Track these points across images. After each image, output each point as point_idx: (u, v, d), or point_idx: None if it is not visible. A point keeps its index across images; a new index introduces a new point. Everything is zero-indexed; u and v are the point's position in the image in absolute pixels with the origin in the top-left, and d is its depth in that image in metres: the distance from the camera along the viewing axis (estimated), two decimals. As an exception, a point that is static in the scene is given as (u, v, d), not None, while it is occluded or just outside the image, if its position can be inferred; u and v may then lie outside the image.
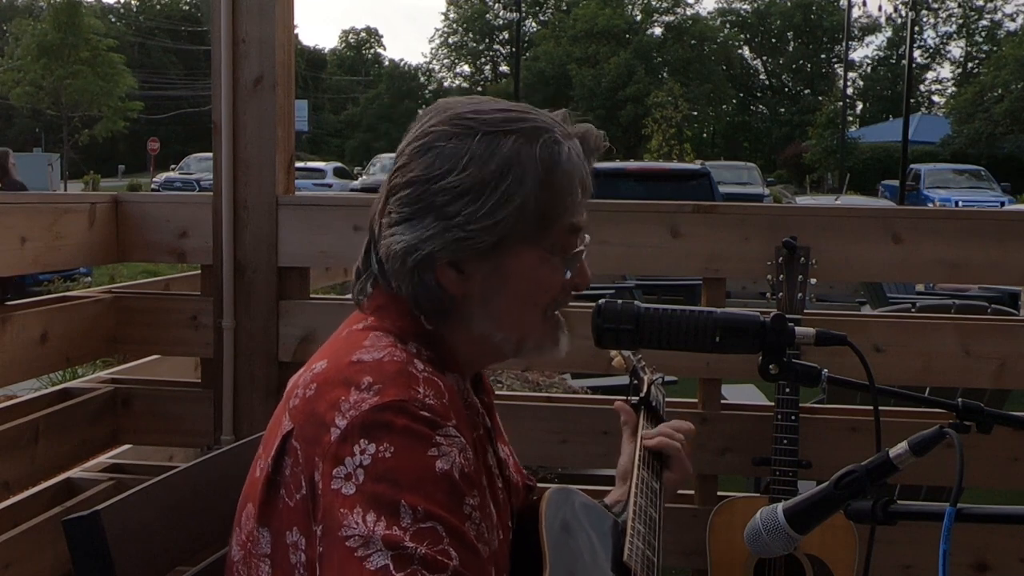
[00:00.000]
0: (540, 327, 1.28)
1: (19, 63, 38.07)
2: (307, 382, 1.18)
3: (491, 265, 1.22)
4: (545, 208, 1.21)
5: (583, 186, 1.24)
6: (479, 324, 1.25)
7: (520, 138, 1.20)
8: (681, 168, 13.73)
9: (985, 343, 2.45)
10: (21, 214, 2.49)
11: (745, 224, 2.50)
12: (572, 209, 1.24)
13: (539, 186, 1.19)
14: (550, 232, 1.23)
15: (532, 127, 1.22)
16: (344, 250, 2.68)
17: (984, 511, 1.11)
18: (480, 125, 1.21)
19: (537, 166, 1.19)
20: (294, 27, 2.81)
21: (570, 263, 1.26)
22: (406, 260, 1.21)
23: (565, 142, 1.23)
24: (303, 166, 29.35)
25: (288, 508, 1.14)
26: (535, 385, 3.84)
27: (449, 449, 1.10)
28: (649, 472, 1.48)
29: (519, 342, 1.28)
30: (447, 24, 68.36)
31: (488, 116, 1.22)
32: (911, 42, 29.96)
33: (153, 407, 2.80)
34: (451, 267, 1.21)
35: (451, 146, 1.20)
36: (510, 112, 1.23)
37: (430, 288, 1.22)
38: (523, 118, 1.22)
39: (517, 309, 1.25)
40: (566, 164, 1.22)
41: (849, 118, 48.86)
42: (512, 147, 1.19)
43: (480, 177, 1.18)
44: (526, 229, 1.20)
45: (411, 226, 1.20)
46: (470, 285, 1.23)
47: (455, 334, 1.26)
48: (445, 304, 1.23)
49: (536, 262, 1.23)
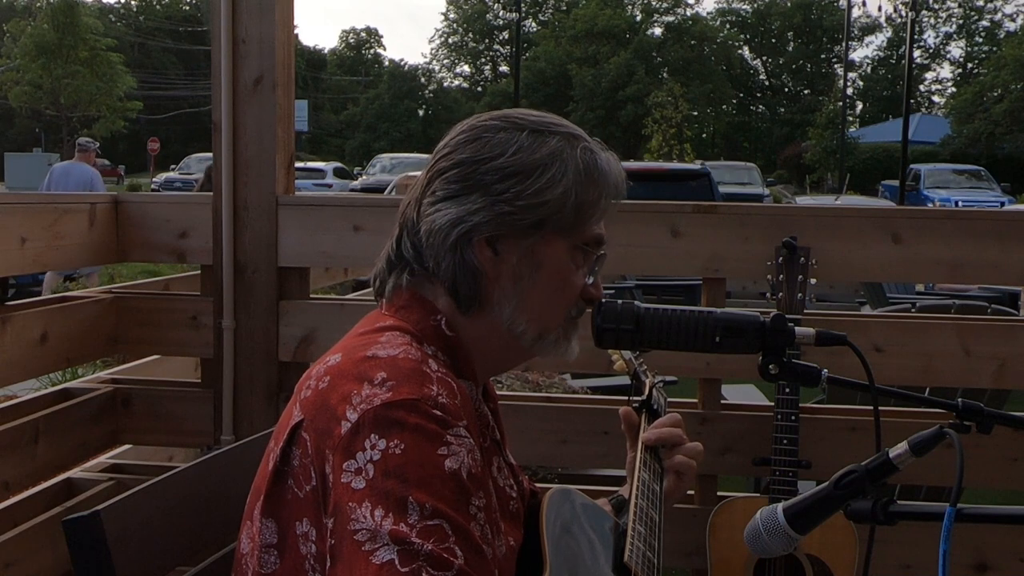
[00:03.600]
0: (562, 325, 1.31)
1: (17, 63, 38.06)
2: (320, 374, 1.19)
3: (526, 249, 1.26)
4: (581, 203, 1.27)
5: (617, 191, 1.31)
6: (507, 311, 1.28)
7: (563, 139, 1.29)
8: (681, 168, 13.72)
9: (985, 343, 2.45)
10: (21, 214, 2.49)
11: (745, 224, 2.50)
12: (604, 211, 1.30)
13: (579, 181, 1.27)
14: (582, 230, 1.29)
15: (572, 133, 1.31)
16: (344, 250, 2.68)
17: (984, 511, 1.11)
18: (527, 124, 1.29)
19: (579, 164, 1.28)
20: (294, 27, 2.81)
21: (592, 270, 1.32)
22: (451, 233, 1.25)
23: (602, 152, 1.32)
24: (303, 166, 29.36)
25: (297, 499, 1.15)
26: (535, 385, 3.84)
27: (459, 449, 1.11)
28: (650, 473, 1.48)
29: (540, 335, 1.30)
30: (447, 24, 68.53)
31: (533, 118, 1.31)
32: (911, 42, 29.92)
33: (153, 407, 2.80)
34: (488, 246, 1.26)
35: (500, 136, 1.28)
36: (551, 118, 1.33)
37: (468, 265, 1.26)
38: (563, 123, 1.32)
39: (543, 299, 1.28)
40: (604, 166, 1.30)
41: (849, 118, 48.87)
42: (556, 144, 1.28)
43: (528, 162, 1.26)
44: (563, 220, 1.27)
45: (458, 201, 1.26)
46: (503, 267, 1.27)
47: (479, 325, 1.28)
48: (480, 285, 1.26)
49: (566, 256, 1.29)
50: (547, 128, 1.29)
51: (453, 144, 1.29)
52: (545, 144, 1.27)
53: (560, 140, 1.28)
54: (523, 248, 1.26)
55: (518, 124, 1.29)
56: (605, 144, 1.35)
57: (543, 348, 1.31)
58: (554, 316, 1.30)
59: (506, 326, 1.28)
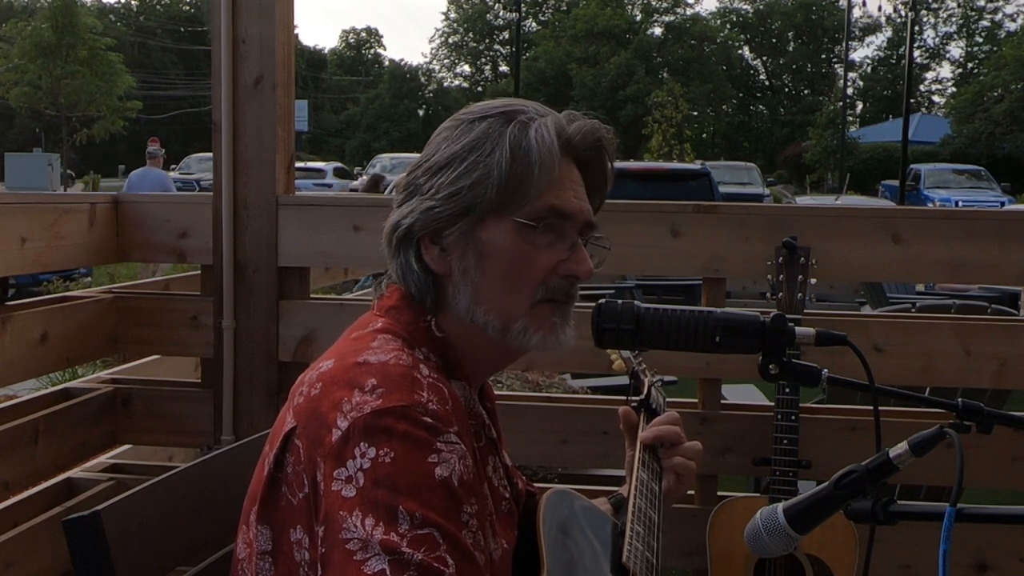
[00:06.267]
0: (526, 311, 1.26)
1: (16, 64, 38.02)
2: (312, 381, 1.18)
3: (467, 239, 1.25)
4: (511, 178, 1.24)
5: (550, 157, 1.25)
6: (462, 304, 1.26)
7: (496, 120, 1.27)
8: (681, 168, 13.75)
9: (985, 343, 2.45)
10: (21, 214, 2.49)
11: (745, 224, 2.50)
12: (547, 185, 1.25)
13: (505, 158, 1.24)
14: (522, 205, 1.24)
15: (510, 111, 1.28)
16: (344, 250, 2.68)
17: (984, 511, 1.11)
18: (468, 115, 1.30)
19: (505, 140, 1.25)
20: (294, 27, 2.81)
21: (556, 241, 1.26)
22: (391, 239, 1.29)
23: (538, 119, 1.28)
24: (303, 166, 29.33)
25: (291, 506, 1.15)
26: (535, 385, 3.84)
27: (449, 456, 1.11)
28: (648, 473, 1.48)
29: (504, 325, 1.25)
30: (447, 24, 68.49)
31: (478, 108, 1.30)
32: (911, 42, 29.94)
33: (153, 407, 2.80)
34: (433, 244, 1.27)
35: (442, 135, 1.30)
36: (500, 104, 1.30)
37: (415, 267, 1.27)
38: (506, 104, 1.30)
39: (496, 286, 1.25)
40: (534, 135, 1.25)
41: (849, 118, 48.87)
42: (485, 127, 1.27)
43: (451, 153, 1.26)
44: (493, 198, 1.24)
45: (400, 209, 1.29)
46: (450, 261, 1.27)
47: (452, 324, 1.27)
48: (432, 284, 1.27)
49: (511, 236, 1.24)
50: (484, 114, 1.28)
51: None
52: (472, 131, 1.26)
53: (493, 121, 1.26)
54: (462, 238, 1.25)
55: (460, 120, 1.29)
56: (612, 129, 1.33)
57: (516, 339, 1.26)
58: (515, 302, 1.25)
59: (467, 319, 1.26)
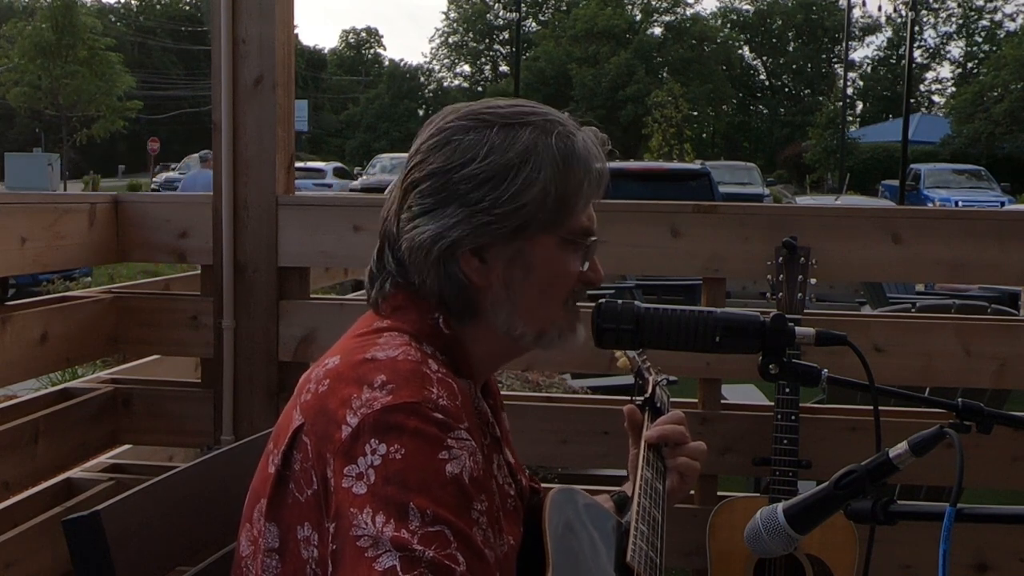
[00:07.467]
0: (561, 318, 1.29)
1: (16, 64, 38.01)
2: (319, 378, 1.18)
3: (513, 253, 1.23)
4: (563, 195, 1.23)
5: (600, 173, 1.27)
6: (502, 317, 1.26)
7: (536, 129, 1.24)
8: (681, 168, 13.74)
9: (985, 343, 2.45)
10: (21, 214, 2.49)
11: (745, 224, 2.50)
12: (588, 198, 1.27)
13: (557, 174, 1.22)
14: (568, 221, 1.25)
15: (546, 120, 1.25)
16: (344, 250, 2.68)
17: (984, 511, 1.11)
18: (496, 118, 1.24)
19: (555, 155, 1.23)
20: (294, 27, 2.81)
21: (586, 255, 1.29)
22: (432, 250, 1.22)
23: (578, 133, 1.27)
24: (303, 166, 29.31)
25: (298, 503, 1.14)
26: (535, 385, 3.84)
27: (460, 452, 1.10)
28: (652, 472, 1.48)
29: (539, 334, 1.28)
30: (447, 24, 68.49)
31: (503, 111, 1.25)
32: (911, 42, 29.96)
33: (153, 407, 2.80)
34: (474, 256, 1.23)
35: (470, 138, 1.23)
36: (523, 107, 1.27)
37: (455, 279, 1.23)
38: (536, 111, 1.26)
39: (538, 299, 1.26)
40: (581, 152, 1.25)
41: (849, 118, 48.88)
42: (529, 137, 1.23)
43: (501, 164, 1.21)
44: (546, 216, 1.23)
45: (435, 216, 1.22)
46: (493, 275, 1.24)
47: (476, 332, 1.27)
48: (470, 296, 1.24)
49: (556, 251, 1.26)
50: (519, 120, 1.24)
51: (424, 151, 1.25)
52: (517, 140, 1.22)
53: (533, 131, 1.23)
54: (510, 253, 1.23)
55: (487, 121, 1.23)
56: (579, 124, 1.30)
57: (546, 344, 1.30)
58: (551, 313, 1.28)
59: (503, 331, 1.27)
